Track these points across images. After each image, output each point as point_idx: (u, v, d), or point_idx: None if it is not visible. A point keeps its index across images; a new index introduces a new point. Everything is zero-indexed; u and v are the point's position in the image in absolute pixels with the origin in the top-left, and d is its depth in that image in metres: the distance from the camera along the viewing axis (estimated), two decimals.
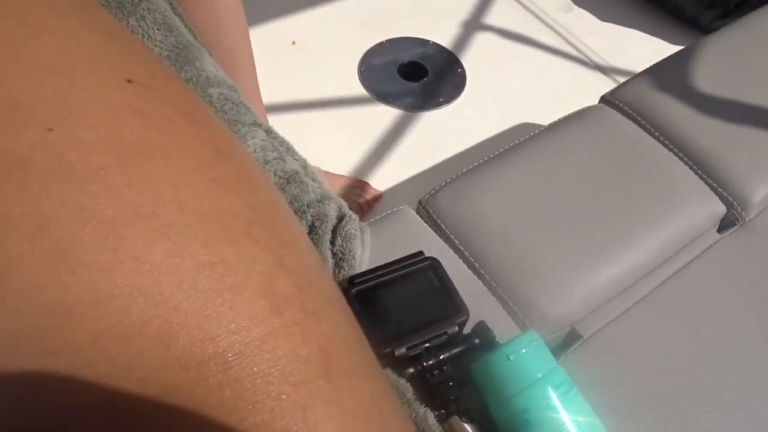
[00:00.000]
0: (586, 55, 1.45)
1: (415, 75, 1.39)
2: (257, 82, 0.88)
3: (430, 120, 1.32)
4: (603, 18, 1.53)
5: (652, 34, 1.47)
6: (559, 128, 0.66)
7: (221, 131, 0.27)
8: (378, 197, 1.14)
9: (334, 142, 1.24)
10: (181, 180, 0.22)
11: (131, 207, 0.20)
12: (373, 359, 0.29)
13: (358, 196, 1.10)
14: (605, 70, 1.41)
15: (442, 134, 1.30)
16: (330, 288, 0.27)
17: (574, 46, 1.46)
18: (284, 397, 0.20)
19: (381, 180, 1.19)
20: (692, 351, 0.53)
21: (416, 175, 1.21)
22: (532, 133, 0.66)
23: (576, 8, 1.55)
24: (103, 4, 0.51)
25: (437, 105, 1.34)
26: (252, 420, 0.19)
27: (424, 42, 1.45)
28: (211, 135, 0.25)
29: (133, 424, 0.19)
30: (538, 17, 1.52)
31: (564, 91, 1.38)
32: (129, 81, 0.24)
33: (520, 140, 0.65)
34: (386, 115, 1.31)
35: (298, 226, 0.30)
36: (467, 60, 1.43)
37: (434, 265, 0.49)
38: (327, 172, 1.10)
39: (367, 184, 1.14)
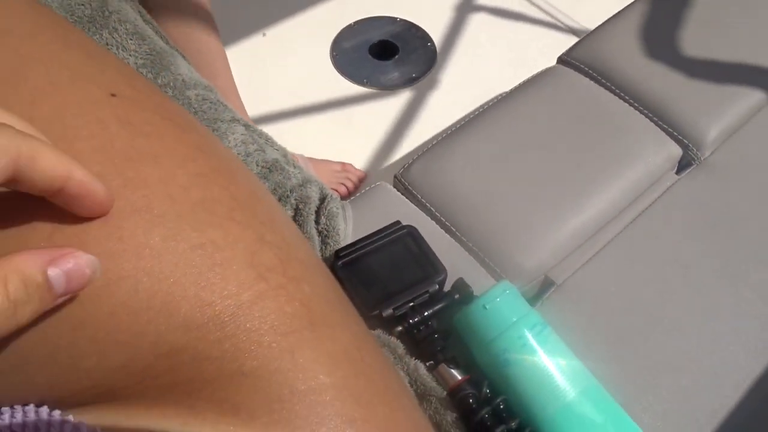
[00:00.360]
0: (553, 16, 1.48)
1: (387, 54, 1.42)
2: (232, 78, 0.91)
3: (406, 97, 1.35)
4: None
5: None
6: (520, 93, 0.70)
7: (200, 131, 0.31)
8: (362, 177, 1.18)
9: (314, 128, 1.27)
10: (169, 177, 0.26)
11: (129, 203, 0.24)
12: (354, 315, 0.33)
13: (344, 178, 1.14)
14: (574, 31, 1.44)
15: (418, 110, 1.33)
16: (309, 257, 0.31)
17: (540, 8, 1.49)
18: (275, 345, 0.24)
19: (363, 160, 1.23)
20: (658, 287, 0.58)
21: (397, 152, 1.25)
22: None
23: None
24: (75, 21, 0.55)
25: (411, 81, 1.38)
26: (249, 365, 0.24)
27: (392, 20, 1.48)
28: (191, 136, 0.29)
29: (149, 380, 0.23)
30: None
31: (533, 56, 1.41)
32: (113, 95, 0.28)
33: (484, 108, 0.69)
34: (362, 96, 1.34)
35: (279, 208, 0.34)
36: (436, 34, 1.46)
37: (411, 232, 0.53)
38: (311, 159, 1.14)
39: (350, 166, 1.18)
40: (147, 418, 0.22)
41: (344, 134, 1.27)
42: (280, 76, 1.35)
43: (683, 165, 0.69)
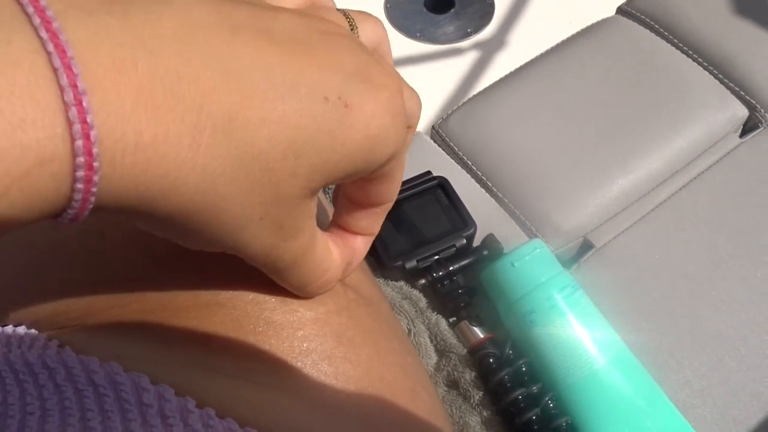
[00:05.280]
0: None
1: (442, 7, 1.37)
2: None
3: (459, 52, 1.31)
4: None
5: None
6: (572, 43, 0.66)
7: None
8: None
9: None
10: None
11: None
12: None
13: None
14: None
15: (472, 65, 1.29)
16: None
17: None
18: (255, 275, 0.23)
19: None
20: (707, 258, 0.54)
21: (445, 108, 1.21)
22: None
23: None
24: None
25: (466, 36, 1.33)
26: (224, 295, 0.22)
27: None
28: None
29: (117, 308, 0.22)
30: None
31: (596, 8, 1.33)
32: None
33: (532, 59, 0.65)
34: (415, 49, 1.31)
35: None
36: None
37: (442, 183, 0.50)
38: None
39: None
40: (116, 342, 0.21)
41: None
42: None
43: (748, 128, 0.63)
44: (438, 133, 0.62)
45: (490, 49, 1.31)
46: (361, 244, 0.25)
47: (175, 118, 0.15)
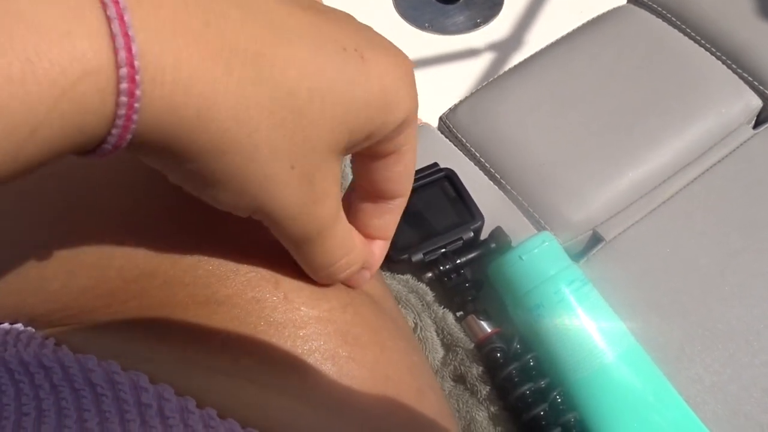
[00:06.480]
0: None
1: None
2: None
3: (467, 42, 1.29)
4: None
5: None
6: (582, 33, 0.65)
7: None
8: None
9: None
10: None
11: None
12: None
13: None
14: None
15: (480, 55, 1.27)
16: None
17: None
18: (253, 274, 0.22)
19: (423, 108, 1.18)
20: (720, 252, 0.53)
21: (451, 99, 1.20)
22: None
23: None
24: None
25: (475, 26, 1.31)
26: (223, 293, 0.22)
27: None
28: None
29: (117, 304, 0.22)
30: None
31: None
32: None
33: (541, 49, 0.64)
34: (424, 40, 1.29)
35: None
36: None
37: (449, 175, 0.50)
38: None
39: None
40: (113, 340, 0.21)
41: None
42: None
43: (762, 119, 0.62)
44: (445, 123, 0.61)
45: (500, 40, 1.30)
46: (377, 249, 0.25)
47: (209, 46, 0.16)
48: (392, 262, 0.47)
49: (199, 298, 0.21)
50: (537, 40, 1.27)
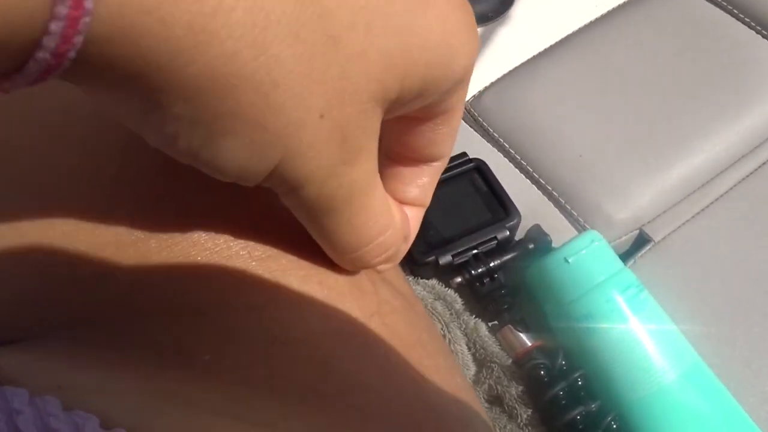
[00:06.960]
0: None
1: None
2: None
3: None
4: None
5: None
6: (621, 13, 0.59)
7: None
8: None
9: None
10: None
11: None
12: None
13: None
14: None
15: (490, 51, 1.22)
16: None
17: None
18: (248, 272, 0.17)
19: None
20: None
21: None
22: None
23: None
24: None
25: (485, 20, 1.26)
26: (207, 298, 0.16)
27: None
28: None
29: (81, 306, 0.16)
30: None
31: None
32: None
33: (575, 30, 0.58)
34: None
35: None
36: None
37: (480, 166, 0.44)
38: None
39: None
40: (58, 365, 0.15)
41: None
42: None
43: None
44: (470, 112, 0.55)
45: (512, 35, 1.24)
46: (413, 218, 0.21)
47: None
48: (416, 265, 0.41)
49: (169, 303, 0.15)
50: (552, 35, 1.22)
